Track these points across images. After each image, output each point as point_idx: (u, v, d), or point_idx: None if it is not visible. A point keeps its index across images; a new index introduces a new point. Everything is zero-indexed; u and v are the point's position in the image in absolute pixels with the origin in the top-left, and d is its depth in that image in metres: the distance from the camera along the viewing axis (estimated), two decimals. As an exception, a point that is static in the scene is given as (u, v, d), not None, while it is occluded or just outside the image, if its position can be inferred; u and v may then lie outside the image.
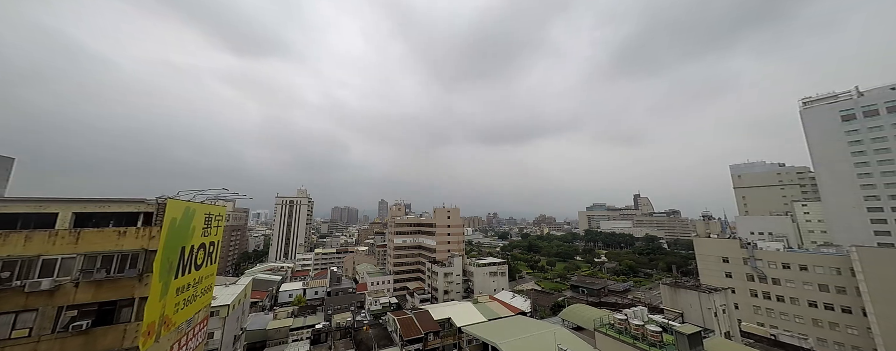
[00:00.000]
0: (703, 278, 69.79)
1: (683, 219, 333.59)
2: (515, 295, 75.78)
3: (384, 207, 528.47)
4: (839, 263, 55.58)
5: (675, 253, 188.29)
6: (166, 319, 23.40)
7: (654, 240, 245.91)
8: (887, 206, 74.65)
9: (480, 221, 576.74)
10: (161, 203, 23.08)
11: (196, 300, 28.32)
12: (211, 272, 31.49)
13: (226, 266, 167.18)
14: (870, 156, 77.77)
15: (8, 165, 26.64)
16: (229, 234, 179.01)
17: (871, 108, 78.59)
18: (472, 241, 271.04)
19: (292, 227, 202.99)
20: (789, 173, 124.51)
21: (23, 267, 19.44)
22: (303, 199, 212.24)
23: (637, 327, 33.74)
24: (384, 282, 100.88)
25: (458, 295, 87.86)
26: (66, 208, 21.34)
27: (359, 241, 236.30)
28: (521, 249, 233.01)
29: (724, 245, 69.92)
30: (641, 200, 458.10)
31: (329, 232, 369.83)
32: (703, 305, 43.18)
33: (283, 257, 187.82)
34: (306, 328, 65.65)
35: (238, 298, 50.10)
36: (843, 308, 54.37)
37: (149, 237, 22.06)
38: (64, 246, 20.31)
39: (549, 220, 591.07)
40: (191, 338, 27.76)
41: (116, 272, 21.36)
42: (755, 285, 64.05)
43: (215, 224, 31.04)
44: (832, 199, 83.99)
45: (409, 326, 55.37)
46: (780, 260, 61.97)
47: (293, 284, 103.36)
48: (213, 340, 41.83)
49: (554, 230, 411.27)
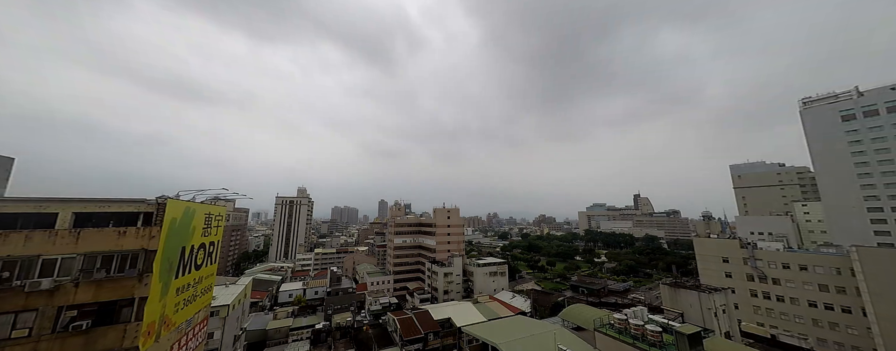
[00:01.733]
0: (703, 278, 69.79)
1: (683, 219, 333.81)
2: (515, 295, 75.92)
3: (384, 206, 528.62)
4: (839, 263, 55.58)
5: (675, 253, 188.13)
6: (166, 319, 23.41)
7: (654, 240, 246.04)
8: (887, 206, 74.64)
9: (480, 221, 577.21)
10: (161, 203, 23.08)
11: (196, 300, 28.33)
12: (211, 272, 31.51)
13: (226, 266, 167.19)
14: (870, 156, 77.75)
15: (8, 165, 26.65)
16: (229, 234, 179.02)
17: (871, 108, 78.60)
18: (472, 241, 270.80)
19: (292, 227, 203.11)
20: (789, 173, 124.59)
21: (23, 267, 19.44)
22: (303, 199, 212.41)
23: (637, 327, 33.76)
24: (384, 282, 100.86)
25: (458, 295, 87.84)
26: (66, 208, 21.32)
27: (359, 241, 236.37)
28: (521, 249, 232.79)
29: (724, 245, 69.93)
30: (641, 200, 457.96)
31: (329, 232, 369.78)
32: (703, 305, 43.22)
33: (283, 257, 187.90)
34: (306, 328, 65.79)
35: (238, 298, 50.08)
36: (843, 308, 54.36)
37: (149, 237, 22.06)
38: (64, 246, 20.29)
39: (549, 220, 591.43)
40: (191, 338, 27.76)
41: (116, 272, 21.36)
42: (755, 285, 64.05)
43: (215, 224, 31.05)
44: (832, 199, 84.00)
45: (409, 326, 55.45)
46: (780, 260, 61.98)
47: (293, 284, 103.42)
48: (213, 340, 41.82)
49: (554, 230, 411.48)
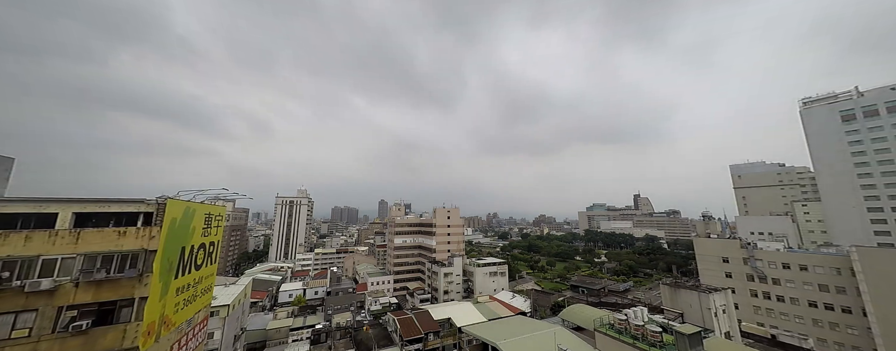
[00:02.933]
0: (703, 278, 69.81)
1: (683, 219, 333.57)
2: (515, 295, 75.84)
3: (384, 206, 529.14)
4: (839, 263, 55.58)
5: (675, 253, 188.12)
6: (166, 319, 23.41)
7: (654, 240, 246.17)
8: (887, 206, 74.68)
9: (480, 221, 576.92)
10: (161, 203, 23.09)
11: (196, 300, 28.34)
12: (211, 272, 31.52)
13: (226, 266, 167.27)
14: (870, 156, 77.81)
15: (8, 165, 26.60)
16: (229, 234, 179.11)
17: (871, 109, 78.66)
18: (472, 241, 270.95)
19: (292, 227, 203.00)
20: (789, 173, 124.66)
21: (23, 267, 19.44)
22: (303, 199, 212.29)
23: (637, 327, 33.77)
24: (384, 282, 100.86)
25: (458, 295, 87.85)
26: (66, 208, 21.33)
27: (359, 241, 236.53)
28: (521, 249, 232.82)
29: (724, 245, 69.93)
30: (641, 200, 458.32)
31: (329, 232, 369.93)
32: (703, 305, 43.22)
33: (283, 257, 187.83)
34: (306, 328, 65.69)
35: (238, 298, 50.13)
36: (843, 308, 54.38)
37: (149, 237, 22.07)
38: (64, 246, 20.30)
39: (548, 220, 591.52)
40: (191, 338, 27.76)
41: (116, 272, 21.35)
42: (755, 285, 64.04)
43: (215, 224, 31.06)
44: (832, 199, 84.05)
45: (409, 326, 55.40)
46: (780, 260, 61.98)
47: (293, 284, 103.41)
48: (213, 340, 41.85)
49: (554, 230, 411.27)
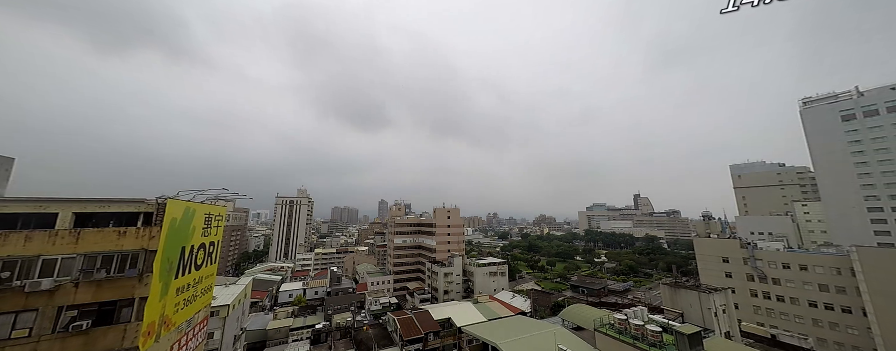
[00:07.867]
0: (703, 278, 69.76)
1: (683, 219, 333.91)
2: (515, 295, 75.93)
3: (384, 207, 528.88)
4: (839, 263, 55.59)
5: (675, 253, 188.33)
6: (166, 319, 23.40)
7: (654, 240, 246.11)
8: (887, 206, 74.69)
9: (480, 221, 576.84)
10: (161, 203, 23.07)
11: (196, 300, 28.33)
12: (211, 272, 31.51)
13: (226, 266, 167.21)
14: (870, 156, 77.82)
15: (8, 165, 26.59)
16: (229, 234, 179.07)
17: (871, 108, 78.68)
18: (472, 241, 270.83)
19: (292, 227, 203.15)
20: (789, 173, 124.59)
21: (23, 267, 19.42)
22: (303, 199, 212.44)
23: (637, 327, 33.76)
24: (384, 282, 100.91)
25: (458, 295, 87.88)
26: (66, 208, 21.31)
27: (359, 241, 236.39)
28: (521, 249, 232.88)
29: (724, 245, 69.95)
30: (641, 200, 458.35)
31: (329, 232, 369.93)
32: (703, 304, 43.20)
33: (283, 257, 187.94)
34: (306, 328, 65.79)
35: (238, 298, 50.11)
36: (843, 308, 54.39)
37: (149, 237, 22.04)
38: (64, 246, 20.29)
39: (548, 220, 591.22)
40: (191, 338, 27.76)
41: (116, 272, 21.34)
42: (755, 285, 64.05)
43: (215, 224, 31.05)
44: (832, 199, 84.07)
45: (409, 326, 55.43)
46: (780, 260, 61.99)
47: (293, 284, 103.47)
48: (213, 340, 41.82)
49: (554, 230, 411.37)
